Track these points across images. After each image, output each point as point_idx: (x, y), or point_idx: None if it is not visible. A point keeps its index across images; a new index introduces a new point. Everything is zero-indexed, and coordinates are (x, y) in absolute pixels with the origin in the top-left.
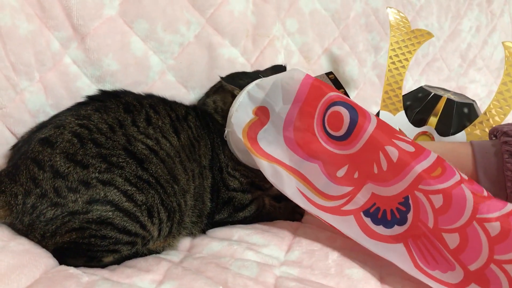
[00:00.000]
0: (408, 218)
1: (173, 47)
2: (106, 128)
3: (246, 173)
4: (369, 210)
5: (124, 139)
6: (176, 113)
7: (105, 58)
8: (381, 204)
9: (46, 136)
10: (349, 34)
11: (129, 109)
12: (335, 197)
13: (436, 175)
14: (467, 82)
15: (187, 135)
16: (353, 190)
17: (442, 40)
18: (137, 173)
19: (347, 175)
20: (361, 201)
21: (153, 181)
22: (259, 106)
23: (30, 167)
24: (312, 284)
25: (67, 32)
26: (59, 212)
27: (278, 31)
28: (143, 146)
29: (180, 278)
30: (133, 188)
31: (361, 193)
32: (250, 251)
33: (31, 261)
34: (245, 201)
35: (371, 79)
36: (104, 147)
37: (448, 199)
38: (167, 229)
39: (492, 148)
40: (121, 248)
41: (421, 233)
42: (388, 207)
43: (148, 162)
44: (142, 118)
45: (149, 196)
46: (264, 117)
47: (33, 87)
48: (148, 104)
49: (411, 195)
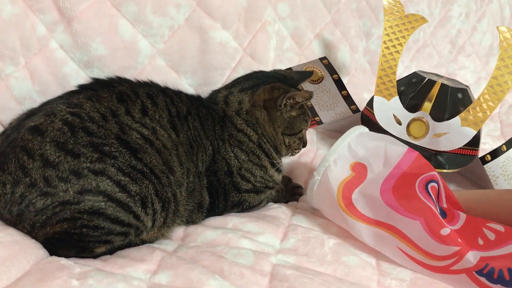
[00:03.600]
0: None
1: (163, 30)
2: (98, 116)
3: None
4: (482, 271)
5: (117, 128)
6: (177, 109)
7: (93, 42)
8: (495, 264)
9: (36, 124)
10: (341, 19)
11: (122, 99)
12: (441, 257)
13: None
14: (457, 68)
15: (186, 135)
16: (461, 249)
17: (433, 26)
18: (130, 163)
19: (452, 235)
20: (472, 262)
21: (147, 171)
22: (358, 162)
23: (20, 155)
24: (309, 272)
25: (53, 15)
26: (49, 202)
27: (270, 15)
28: (137, 136)
29: (175, 268)
30: (127, 178)
31: (469, 254)
32: (245, 239)
33: (20, 252)
34: (256, 202)
35: (362, 65)
36: (96, 136)
37: None
38: (162, 220)
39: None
40: (113, 238)
41: None
42: (504, 266)
43: (143, 152)
44: (137, 109)
45: (143, 186)
46: (361, 174)
47: (18, 72)
48: (145, 93)
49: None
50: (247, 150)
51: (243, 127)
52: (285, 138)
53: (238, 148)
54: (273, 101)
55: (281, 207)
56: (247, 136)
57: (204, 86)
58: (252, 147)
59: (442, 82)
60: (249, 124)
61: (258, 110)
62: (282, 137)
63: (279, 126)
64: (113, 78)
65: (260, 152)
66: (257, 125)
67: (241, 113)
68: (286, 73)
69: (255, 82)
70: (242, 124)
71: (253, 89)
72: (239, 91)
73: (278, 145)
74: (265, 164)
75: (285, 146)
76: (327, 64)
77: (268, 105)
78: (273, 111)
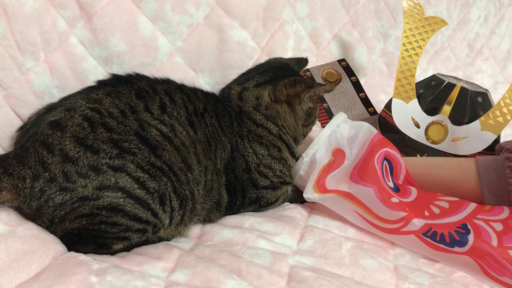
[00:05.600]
0: (469, 239)
1: (182, 28)
2: (118, 112)
3: (280, 173)
4: (426, 234)
5: (137, 124)
6: (194, 106)
7: (112, 38)
8: (437, 229)
9: (56, 119)
10: (359, 20)
11: (141, 95)
12: (391, 221)
13: (487, 209)
14: (474, 72)
15: (204, 132)
16: (408, 215)
17: (451, 29)
18: (149, 159)
19: (401, 203)
20: (417, 226)
21: (166, 169)
22: (338, 148)
23: (39, 150)
24: (327, 274)
25: (73, 11)
26: (68, 197)
27: (288, 15)
28: (157, 133)
29: (192, 266)
30: (146, 175)
31: (414, 220)
32: (262, 240)
33: (40, 247)
34: (274, 198)
35: (379, 67)
36: (116, 132)
37: (507, 226)
38: (179, 217)
39: (495, 163)
40: (131, 235)
41: (484, 252)
42: (445, 231)
43: (162, 149)
44: (156, 105)
45: (161, 183)
46: (339, 160)
47: (38, 67)
48: (164, 90)
49: (469, 222)
50: (267, 144)
51: (263, 122)
52: (304, 129)
53: (257, 143)
54: (297, 95)
55: (297, 207)
56: (267, 130)
57: (221, 84)
58: (273, 139)
59: (462, 85)
60: (269, 118)
61: (279, 105)
62: (302, 128)
63: (300, 119)
64: (132, 74)
65: (281, 143)
66: (277, 118)
67: (260, 109)
68: (287, 60)
69: (270, 76)
70: (262, 119)
71: (271, 83)
72: (254, 86)
73: (298, 136)
74: (285, 156)
75: (303, 136)
76: (345, 66)
77: (290, 100)
78: (296, 104)
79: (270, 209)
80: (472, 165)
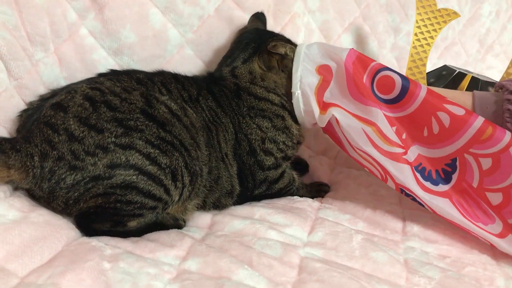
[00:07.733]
0: (453, 178)
1: (193, 20)
2: (120, 89)
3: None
4: (417, 168)
5: (143, 101)
6: (188, 93)
7: (123, 30)
8: (426, 165)
9: (58, 101)
10: (370, 14)
11: (141, 83)
12: (395, 143)
13: (486, 137)
14: (484, 68)
15: (201, 117)
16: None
17: (462, 24)
18: (159, 134)
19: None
20: (410, 158)
21: (177, 143)
22: (320, 65)
23: (44, 130)
24: (337, 266)
25: (84, 2)
26: (79, 177)
27: (299, 8)
28: (165, 110)
29: (204, 255)
30: (156, 151)
31: (410, 151)
32: (272, 231)
33: (52, 232)
34: (277, 175)
35: (390, 61)
36: (119, 111)
37: (496, 162)
38: (187, 193)
39: (492, 101)
40: (145, 212)
41: (464, 191)
42: (433, 168)
43: (171, 125)
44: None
45: (173, 158)
46: (328, 75)
47: (48, 58)
48: (160, 81)
49: (459, 157)
50: (270, 116)
51: (264, 95)
52: None
53: (260, 117)
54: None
55: (307, 200)
56: (269, 102)
57: None
58: (276, 110)
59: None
60: (270, 90)
61: (274, 74)
62: None
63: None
64: (129, 70)
65: (283, 111)
66: (276, 88)
67: (257, 81)
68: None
69: (254, 48)
70: (263, 92)
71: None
72: (243, 63)
73: None
74: (289, 124)
75: None
76: None
77: (280, 63)
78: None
79: (277, 187)
80: (468, 100)
